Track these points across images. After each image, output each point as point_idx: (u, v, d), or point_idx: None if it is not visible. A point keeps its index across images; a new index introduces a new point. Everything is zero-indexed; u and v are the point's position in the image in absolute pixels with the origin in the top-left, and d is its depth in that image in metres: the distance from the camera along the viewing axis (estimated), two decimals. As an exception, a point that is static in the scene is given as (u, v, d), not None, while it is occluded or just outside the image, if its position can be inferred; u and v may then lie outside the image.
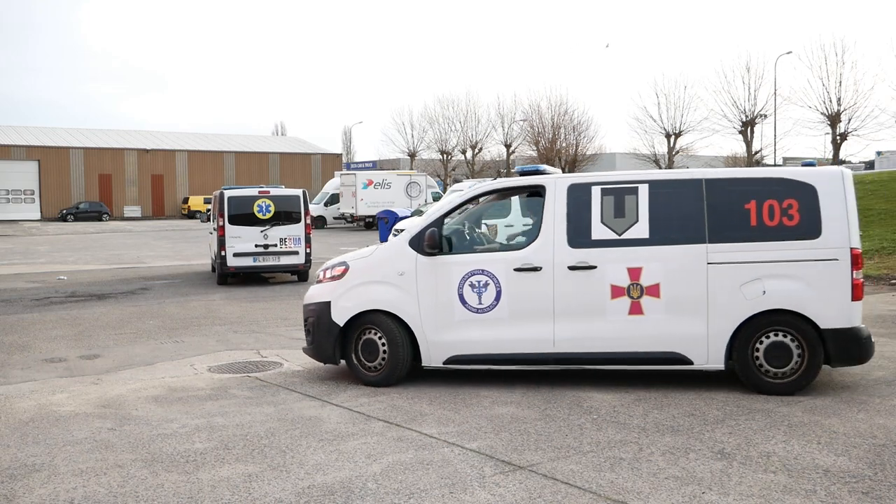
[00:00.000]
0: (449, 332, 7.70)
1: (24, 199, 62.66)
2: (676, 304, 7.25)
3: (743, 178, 7.51)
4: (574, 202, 7.53)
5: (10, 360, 9.59)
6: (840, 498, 4.78)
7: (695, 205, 7.30)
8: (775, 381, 7.11)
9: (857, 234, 7.13)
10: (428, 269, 7.76)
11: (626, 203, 7.41)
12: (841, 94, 43.88)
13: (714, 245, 7.20)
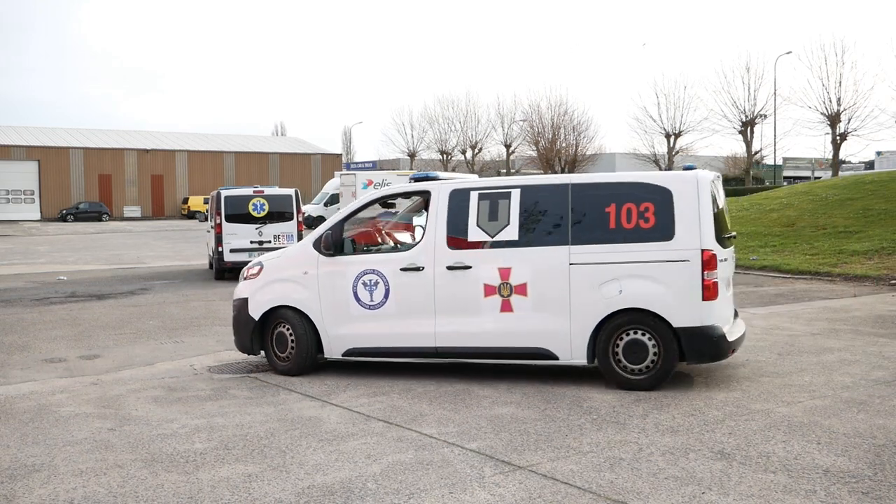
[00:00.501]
0: (346, 327, 8.28)
1: (23, 200, 62.67)
2: (542, 302, 7.61)
3: (605, 183, 7.76)
4: (454, 206, 7.95)
5: (9, 361, 9.59)
6: (840, 498, 4.78)
7: (560, 209, 7.65)
8: (633, 377, 7.40)
9: (711, 236, 7.31)
10: (327, 268, 8.35)
11: (499, 207, 7.80)
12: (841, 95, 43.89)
13: (576, 247, 7.52)
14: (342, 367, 8.70)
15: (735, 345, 7.60)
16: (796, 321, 11.17)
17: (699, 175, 7.49)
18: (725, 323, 7.57)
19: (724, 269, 7.56)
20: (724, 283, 7.62)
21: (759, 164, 62.41)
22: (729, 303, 7.88)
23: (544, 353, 7.66)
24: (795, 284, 15.61)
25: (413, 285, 8.00)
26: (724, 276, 7.62)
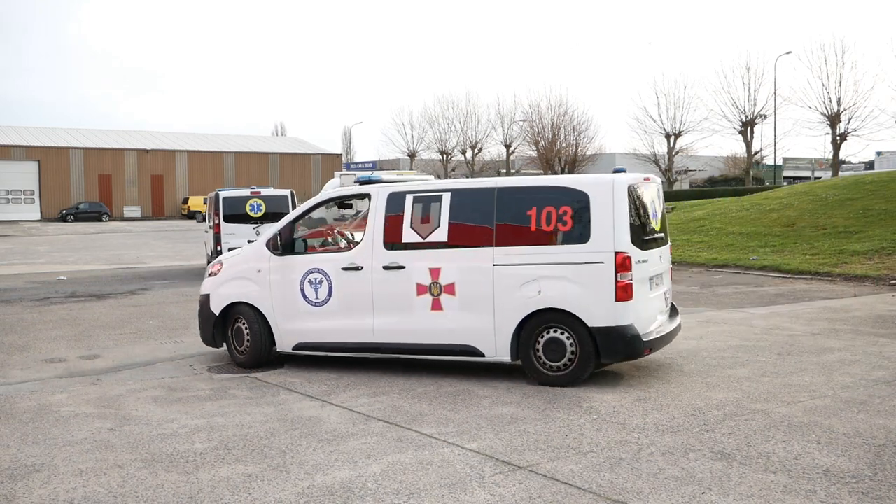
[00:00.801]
0: (295, 323, 8.74)
1: (23, 200, 62.67)
2: (469, 301, 7.91)
3: (528, 187, 7.96)
4: (391, 209, 8.30)
5: (10, 361, 9.59)
6: (840, 498, 4.78)
7: (487, 211, 7.89)
8: (553, 374, 7.65)
9: (626, 239, 7.46)
10: (278, 267, 8.82)
11: (431, 210, 8.11)
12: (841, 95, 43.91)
13: (499, 248, 7.78)
14: (342, 367, 8.71)
15: (654, 344, 7.71)
16: (796, 321, 11.17)
17: (616, 180, 7.65)
18: (648, 322, 7.75)
19: (643, 270, 7.68)
20: (645, 283, 7.76)
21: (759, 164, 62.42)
22: (655, 302, 8.03)
23: (471, 351, 7.94)
24: (795, 284, 15.62)
25: (353, 284, 8.40)
26: (645, 276, 7.75)
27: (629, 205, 7.56)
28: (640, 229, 7.76)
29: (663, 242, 8.41)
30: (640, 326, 7.54)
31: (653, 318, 7.91)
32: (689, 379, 7.84)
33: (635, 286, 7.49)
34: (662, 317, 8.21)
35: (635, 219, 7.67)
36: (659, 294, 8.19)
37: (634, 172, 8.39)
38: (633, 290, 7.45)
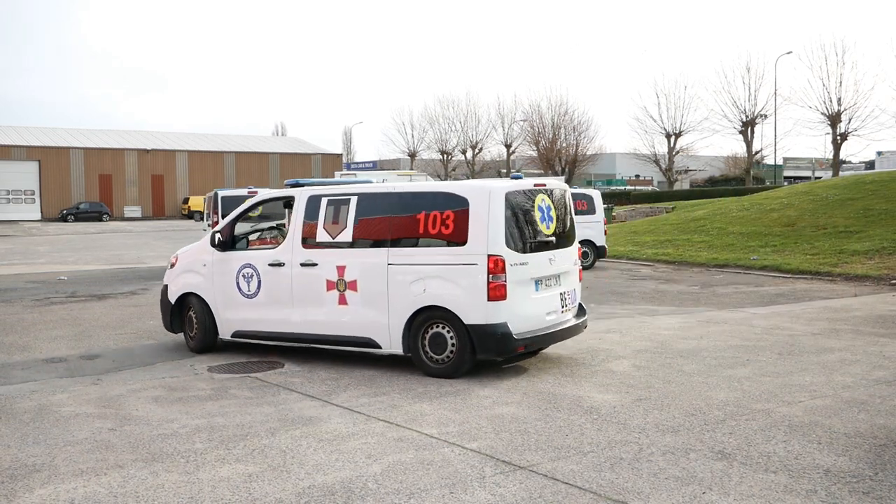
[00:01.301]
0: (233, 312, 9.59)
1: (24, 200, 62.67)
2: (368, 297, 8.56)
3: (420, 192, 8.58)
4: (309, 211, 9.05)
5: (10, 361, 9.59)
6: (841, 498, 4.78)
7: (385, 215, 8.58)
8: (436, 366, 8.21)
9: (500, 243, 7.92)
10: (220, 261, 9.73)
11: (340, 212, 8.84)
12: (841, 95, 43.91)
13: (393, 249, 8.42)
14: (342, 368, 8.72)
15: (532, 342, 8.18)
16: (797, 321, 11.17)
17: (493, 187, 8.15)
18: (529, 321, 8.18)
19: (522, 272, 8.09)
20: (527, 284, 8.18)
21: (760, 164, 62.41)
22: (543, 302, 8.42)
23: (371, 343, 8.59)
24: (796, 284, 15.61)
25: (277, 279, 9.21)
26: (526, 278, 8.16)
27: (506, 211, 8.01)
28: (521, 233, 8.19)
29: (561, 245, 8.76)
30: (514, 325, 7.97)
31: (537, 317, 8.31)
32: (690, 379, 7.84)
33: (510, 287, 7.93)
34: (555, 316, 8.59)
35: (515, 223, 8.12)
36: (552, 294, 8.57)
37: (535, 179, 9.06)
38: (506, 291, 7.91)
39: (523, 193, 8.36)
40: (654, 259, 21.01)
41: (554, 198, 8.79)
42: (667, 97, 55.32)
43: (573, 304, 9.04)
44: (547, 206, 8.62)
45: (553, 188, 8.88)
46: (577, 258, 9.21)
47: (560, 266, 8.71)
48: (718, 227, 23.73)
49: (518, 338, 7.97)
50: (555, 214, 8.71)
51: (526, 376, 8.06)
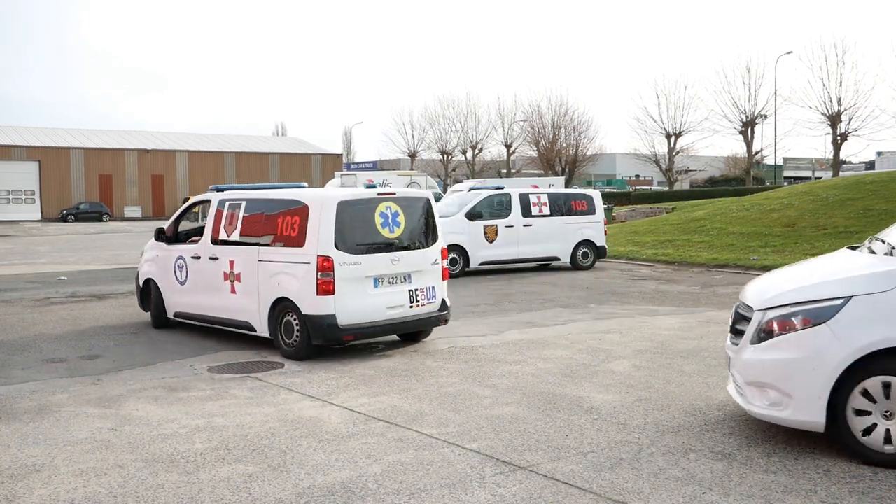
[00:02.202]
0: (173, 297, 11.57)
1: (24, 200, 62.67)
2: (248, 288, 10.03)
3: (280, 198, 10.03)
4: (219, 212, 10.70)
5: (10, 361, 9.59)
6: (840, 498, 4.78)
7: (259, 217, 10.12)
8: (288, 349, 9.45)
9: (329, 245, 9.11)
10: (164, 253, 11.80)
11: (235, 214, 10.44)
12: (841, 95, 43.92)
13: (261, 248, 9.89)
14: (341, 368, 8.72)
15: (360, 332, 9.31)
16: (797, 321, 11.15)
17: (328, 196, 9.54)
18: (362, 314, 9.27)
19: (354, 271, 9.23)
20: (361, 282, 9.29)
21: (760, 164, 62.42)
22: (382, 297, 9.47)
23: (249, 326, 10.06)
24: (796, 284, 15.59)
25: (197, 269, 10.98)
26: (360, 276, 9.27)
27: (339, 217, 9.18)
28: (354, 237, 9.35)
29: (410, 248, 9.80)
30: (343, 317, 9.12)
31: (375, 310, 9.40)
32: (690, 379, 7.84)
33: (339, 284, 9.09)
34: (401, 310, 9.62)
35: (348, 228, 9.28)
36: (396, 290, 9.62)
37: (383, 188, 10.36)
38: (333, 287, 9.09)
39: (362, 201, 9.53)
40: (655, 259, 21.00)
41: (403, 204, 9.81)
42: (667, 97, 55.36)
43: (430, 300, 9.92)
44: (393, 212, 9.68)
45: (406, 195, 10.10)
46: (439, 259, 10.09)
47: (408, 266, 9.72)
48: (718, 227, 23.72)
49: (345, 328, 9.13)
50: (402, 220, 9.72)
51: (526, 376, 8.06)
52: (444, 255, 10.26)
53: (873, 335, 5.22)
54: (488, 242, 18.32)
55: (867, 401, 5.30)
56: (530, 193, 19.28)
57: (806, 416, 5.46)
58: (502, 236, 18.43)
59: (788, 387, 5.49)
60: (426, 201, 10.18)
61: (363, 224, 9.47)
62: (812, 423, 5.45)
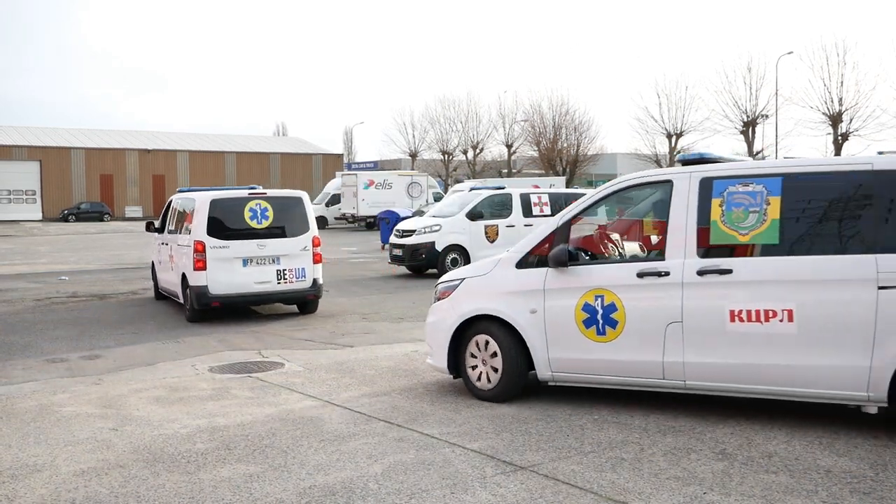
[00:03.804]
0: (158, 275, 15.10)
1: (25, 200, 62.68)
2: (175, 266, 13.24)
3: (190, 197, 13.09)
4: (171, 209, 14.17)
5: (11, 361, 9.60)
6: (842, 498, 4.78)
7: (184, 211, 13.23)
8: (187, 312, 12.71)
9: (202, 232, 12.15)
10: (154, 241, 15.54)
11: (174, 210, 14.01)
12: (842, 95, 43.89)
13: (179, 236, 13.10)
14: (342, 368, 8.72)
15: (227, 300, 12.32)
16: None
17: (204, 196, 12.55)
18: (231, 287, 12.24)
19: (223, 252, 12.18)
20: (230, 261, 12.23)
21: (761, 165, 62.20)
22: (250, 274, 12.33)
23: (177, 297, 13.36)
24: (797, 284, 15.59)
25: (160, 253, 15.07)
26: (229, 256, 12.22)
27: (211, 211, 12.21)
28: (225, 226, 12.31)
29: (279, 236, 12.58)
30: (213, 288, 12.13)
31: (244, 284, 12.31)
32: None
33: (210, 262, 12.09)
34: (268, 285, 12.43)
35: (220, 220, 12.29)
36: (264, 269, 12.42)
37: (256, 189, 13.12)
38: (205, 264, 12.09)
39: (233, 200, 12.52)
40: (655, 259, 20.96)
41: (273, 202, 12.64)
42: (668, 97, 55.25)
43: (298, 279, 12.62)
44: (262, 208, 12.53)
45: (277, 195, 12.88)
46: (309, 245, 12.72)
47: (275, 251, 12.49)
48: (719, 227, 23.68)
49: (214, 296, 12.16)
50: (271, 214, 12.55)
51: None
52: (317, 242, 12.84)
53: (470, 305, 7.19)
54: (489, 242, 18.33)
55: (474, 351, 7.19)
56: (531, 193, 19.30)
57: (440, 363, 7.45)
58: (503, 236, 18.44)
59: (431, 341, 7.63)
60: (299, 200, 12.97)
61: (233, 217, 12.33)
62: (442, 368, 7.45)
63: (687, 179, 6.45)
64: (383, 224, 27.31)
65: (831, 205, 6.02)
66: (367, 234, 38.11)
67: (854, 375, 5.73)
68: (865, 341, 5.67)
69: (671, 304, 6.30)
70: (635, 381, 6.65)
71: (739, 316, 6.06)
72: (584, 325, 6.68)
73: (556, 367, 6.89)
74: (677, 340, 6.32)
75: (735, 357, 6.14)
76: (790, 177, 6.14)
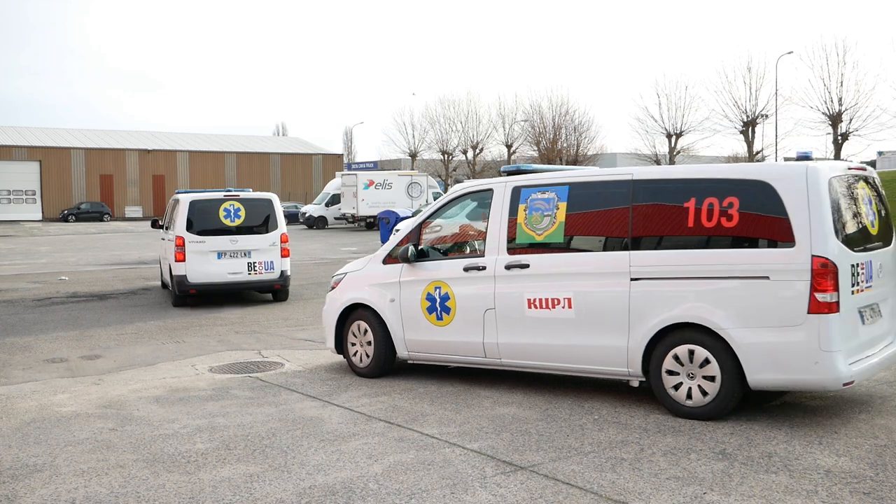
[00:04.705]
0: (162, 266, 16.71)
1: (25, 200, 62.69)
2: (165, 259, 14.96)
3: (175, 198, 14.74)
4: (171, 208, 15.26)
5: (11, 361, 9.60)
6: (841, 498, 4.78)
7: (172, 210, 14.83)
8: (172, 299, 14.60)
9: (182, 228, 13.93)
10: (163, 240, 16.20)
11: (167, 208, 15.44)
12: (842, 94, 43.89)
13: (167, 232, 14.99)
14: (342, 368, 8.73)
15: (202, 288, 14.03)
16: (798, 321, 11.15)
17: (184, 197, 14.38)
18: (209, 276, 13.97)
19: (200, 247, 13.91)
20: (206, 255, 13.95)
21: (762, 165, 62.21)
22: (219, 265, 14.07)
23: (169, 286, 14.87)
24: (797, 284, 15.59)
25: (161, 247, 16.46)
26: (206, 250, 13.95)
27: (190, 210, 13.97)
28: (201, 223, 14.03)
29: (250, 233, 14.29)
30: (191, 277, 13.87)
31: (218, 275, 14.02)
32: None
33: (188, 254, 13.80)
34: (241, 276, 14.18)
35: (197, 218, 14.01)
36: (237, 262, 14.16)
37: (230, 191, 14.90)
38: (184, 256, 13.79)
39: (210, 201, 14.22)
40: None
41: (245, 203, 14.34)
42: (668, 97, 55.22)
43: (268, 271, 14.29)
44: (235, 208, 14.22)
45: (248, 197, 14.48)
46: (278, 241, 14.39)
47: (246, 246, 14.19)
48: (719, 227, 23.69)
49: (191, 283, 13.89)
50: (243, 214, 14.25)
51: (527, 377, 8.06)
52: (284, 239, 14.53)
53: (349, 295, 8.47)
54: None
55: (354, 333, 8.40)
56: None
57: (329, 343, 8.66)
58: None
59: (324, 325, 8.84)
60: (269, 201, 14.74)
61: (209, 216, 14.13)
62: (331, 347, 8.65)
63: (503, 188, 7.53)
64: (383, 224, 27.31)
65: (601, 209, 7.03)
66: (366, 234, 38.10)
67: (617, 354, 6.75)
68: (623, 325, 6.68)
69: (487, 293, 7.40)
70: (466, 359, 7.77)
71: (534, 304, 7.14)
72: (427, 311, 7.85)
73: (411, 348, 8.07)
74: (492, 324, 7.42)
75: (532, 338, 7.21)
76: (574, 185, 7.19)
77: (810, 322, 5.95)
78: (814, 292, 5.93)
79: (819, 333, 5.93)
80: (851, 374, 6.02)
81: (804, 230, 5.99)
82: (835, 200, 6.16)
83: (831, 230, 6.00)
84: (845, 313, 6.04)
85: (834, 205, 6.12)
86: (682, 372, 6.45)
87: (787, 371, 6.10)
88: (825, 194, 6.05)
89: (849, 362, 6.04)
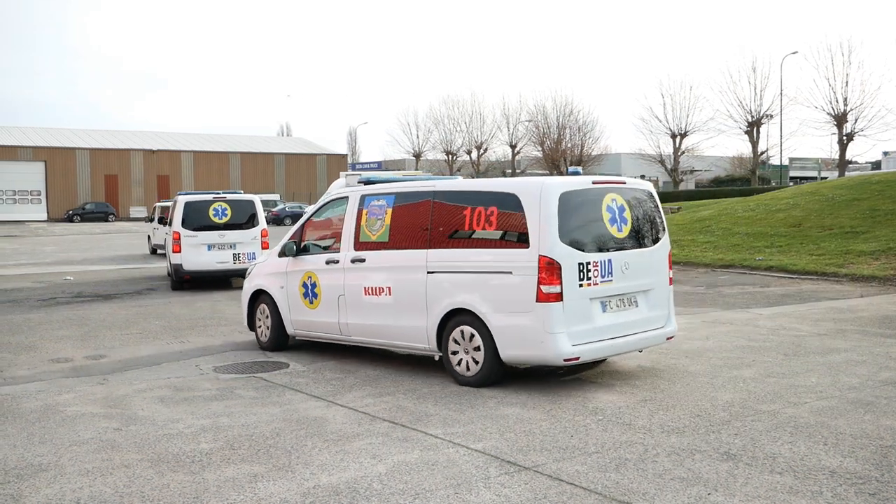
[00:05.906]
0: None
1: (30, 200, 62.89)
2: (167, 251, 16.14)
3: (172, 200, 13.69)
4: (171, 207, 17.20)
5: (16, 361, 9.62)
6: (846, 499, 4.77)
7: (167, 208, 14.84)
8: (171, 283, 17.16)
9: (178, 225, 16.72)
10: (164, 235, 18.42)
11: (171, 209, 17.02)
12: (847, 95, 43.82)
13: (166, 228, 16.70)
14: (346, 368, 8.73)
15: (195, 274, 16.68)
16: (802, 322, 11.14)
17: (181, 198, 16.88)
18: (197, 264, 16.57)
19: (193, 240, 16.61)
20: (198, 247, 16.60)
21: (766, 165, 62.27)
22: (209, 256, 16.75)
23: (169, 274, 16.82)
24: (802, 285, 15.57)
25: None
26: (197, 244, 16.65)
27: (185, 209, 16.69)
28: (194, 221, 16.63)
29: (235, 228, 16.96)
30: (186, 265, 16.46)
31: (207, 263, 16.65)
32: (695, 379, 7.83)
33: (183, 247, 16.43)
34: (227, 264, 16.76)
35: (191, 216, 16.76)
36: (224, 253, 16.78)
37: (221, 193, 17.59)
38: (180, 248, 16.42)
39: (202, 201, 16.89)
40: (660, 259, 20.92)
41: (231, 203, 16.93)
42: (672, 97, 55.25)
43: (249, 260, 15.99)
44: (223, 207, 16.87)
45: (234, 198, 17.14)
46: (258, 236, 16.97)
47: (232, 239, 16.84)
48: (724, 227, 23.67)
49: (186, 270, 16.49)
50: (229, 212, 16.89)
51: (531, 377, 8.06)
52: (265, 234, 17.07)
53: (254, 282, 10.27)
54: None
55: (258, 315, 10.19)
56: None
57: (245, 321, 10.45)
58: None
59: (242, 306, 10.54)
60: (251, 202, 17.27)
61: (201, 214, 16.74)
62: (247, 326, 10.48)
63: (356, 196, 9.01)
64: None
65: (413, 215, 8.35)
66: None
67: (420, 333, 8.13)
68: (423, 309, 8.08)
69: (340, 283, 8.92)
70: (329, 336, 9.28)
71: (368, 291, 8.63)
72: (304, 297, 9.43)
73: (295, 327, 9.64)
74: (344, 308, 8.92)
75: (368, 319, 8.67)
76: (398, 195, 8.61)
77: (538, 309, 7.21)
78: (540, 285, 7.19)
79: (544, 318, 7.18)
80: (573, 353, 7.22)
81: (535, 234, 7.27)
82: (566, 211, 7.32)
83: (556, 234, 7.21)
84: (572, 302, 7.23)
85: (563, 214, 7.28)
86: (460, 349, 7.82)
87: (524, 348, 7.41)
88: (553, 206, 7.26)
89: (574, 343, 7.22)
